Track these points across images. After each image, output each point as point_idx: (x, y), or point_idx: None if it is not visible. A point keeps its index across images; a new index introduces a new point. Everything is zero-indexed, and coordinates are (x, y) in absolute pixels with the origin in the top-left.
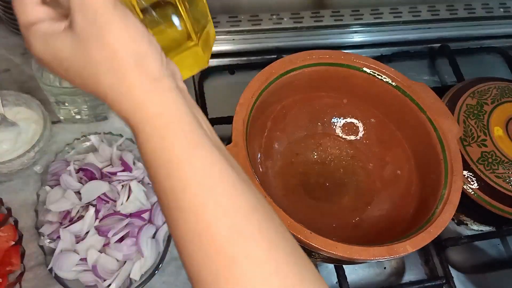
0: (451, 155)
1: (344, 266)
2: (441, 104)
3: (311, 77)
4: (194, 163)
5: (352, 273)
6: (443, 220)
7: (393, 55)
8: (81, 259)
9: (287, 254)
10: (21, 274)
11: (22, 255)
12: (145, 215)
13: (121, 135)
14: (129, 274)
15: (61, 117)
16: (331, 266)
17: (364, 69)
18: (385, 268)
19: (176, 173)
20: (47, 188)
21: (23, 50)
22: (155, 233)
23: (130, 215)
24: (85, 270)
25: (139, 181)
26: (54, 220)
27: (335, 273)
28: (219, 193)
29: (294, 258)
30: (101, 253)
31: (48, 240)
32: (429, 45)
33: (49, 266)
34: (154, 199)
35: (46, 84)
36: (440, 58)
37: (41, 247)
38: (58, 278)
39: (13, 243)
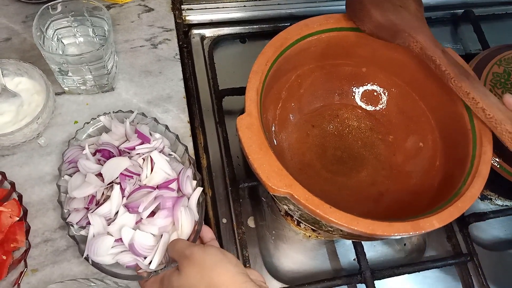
0: (480, 125)
1: (362, 242)
2: (469, 70)
3: (329, 43)
4: None
5: (370, 250)
6: (471, 194)
7: None
8: (116, 241)
9: None
10: (26, 251)
11: (27, 231)
12: (173, 185)
13: (131, 111)
14: None
15: (65, 88)
16: (349, 242)
17: None
18: (405, 244)
19: None
20: (66, 177)
21: (25, 18)
22: None
23: (158, 187)
24: (122, 251)
25: (160, 151)
26: (80, 207)
27: (353, 250)
28: None
29: None
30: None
31: (78, 228)
32: (452, 11)
33: (85, 254)
34: (179, 167)
35: (48, 51)
36: (463, 25)
37: (73, 237)
38: (96, 265)
39: (17, 219)
